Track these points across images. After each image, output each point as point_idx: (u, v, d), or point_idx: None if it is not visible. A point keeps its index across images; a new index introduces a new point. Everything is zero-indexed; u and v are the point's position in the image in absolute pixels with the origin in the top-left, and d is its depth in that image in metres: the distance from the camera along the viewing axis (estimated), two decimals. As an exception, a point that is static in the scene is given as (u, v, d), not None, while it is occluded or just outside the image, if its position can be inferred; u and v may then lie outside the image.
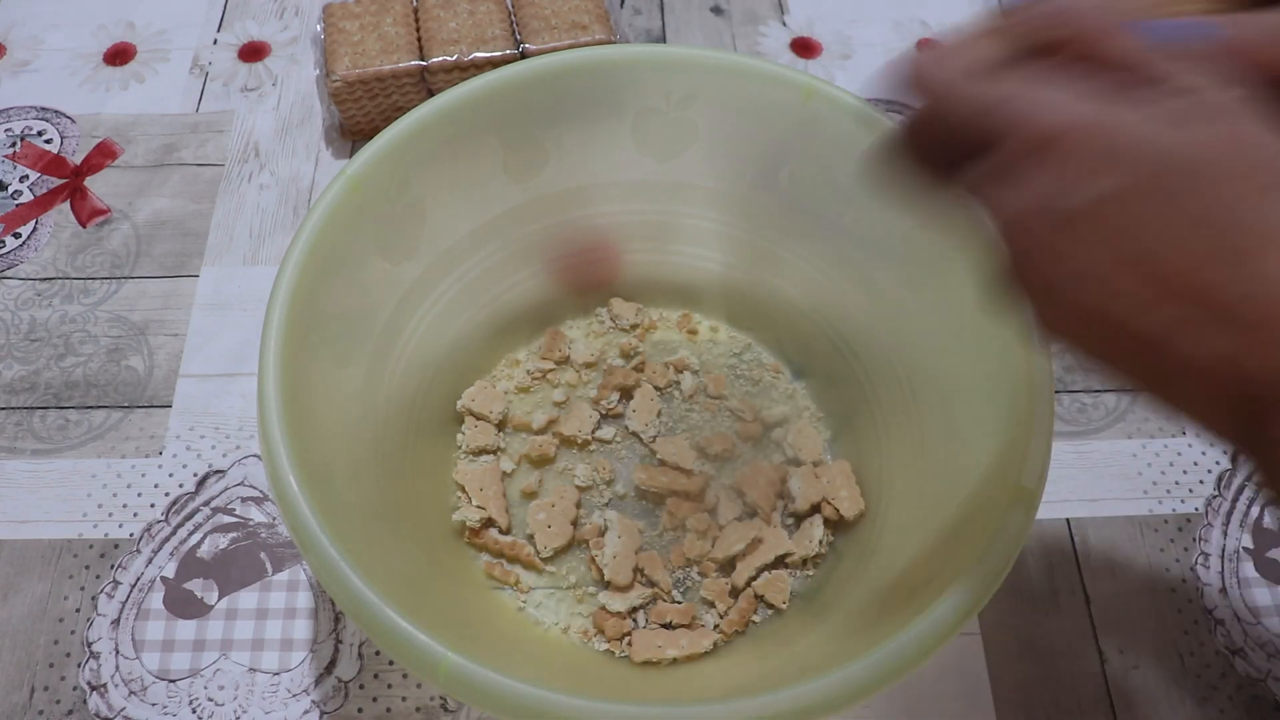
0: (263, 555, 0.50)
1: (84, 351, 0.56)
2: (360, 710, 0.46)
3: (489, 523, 0.49)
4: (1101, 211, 0.22)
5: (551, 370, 0.53)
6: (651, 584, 0.47)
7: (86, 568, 0.49)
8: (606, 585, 0.46)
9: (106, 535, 0.50)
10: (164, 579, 0.49)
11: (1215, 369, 0.22)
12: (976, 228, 0.26)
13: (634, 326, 0.55)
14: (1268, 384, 0.21)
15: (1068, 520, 0.53)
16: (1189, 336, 0.22)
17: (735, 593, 0.46)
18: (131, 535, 0.50)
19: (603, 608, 0.46)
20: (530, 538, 0.48)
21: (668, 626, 0.46)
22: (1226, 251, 0.21)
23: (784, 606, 0.46)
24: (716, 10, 0.75)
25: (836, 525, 0.49)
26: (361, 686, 0.46)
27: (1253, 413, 0.22)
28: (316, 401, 0.39)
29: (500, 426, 0.52)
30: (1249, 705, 0.48)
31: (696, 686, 0.43)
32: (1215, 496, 0.54)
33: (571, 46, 0.59)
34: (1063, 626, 0.49)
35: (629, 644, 0.45)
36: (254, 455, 0.53)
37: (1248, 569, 0.52)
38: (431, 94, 0.63)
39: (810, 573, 0.48)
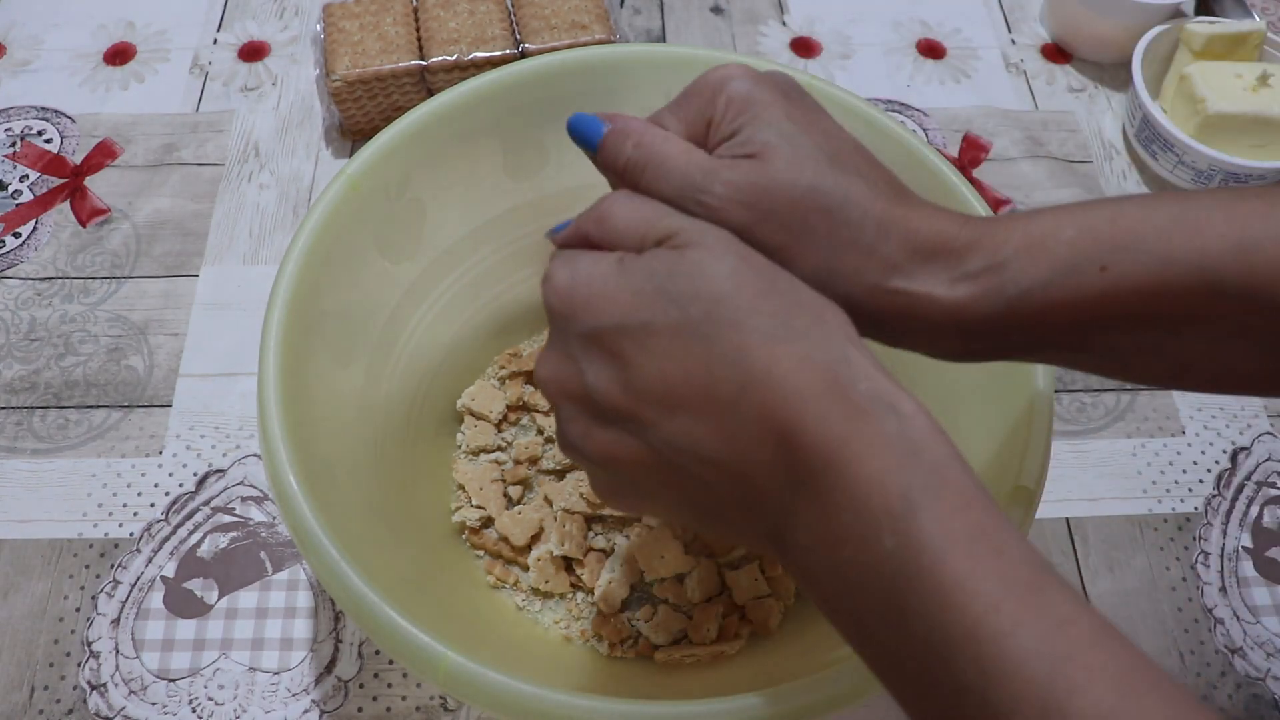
0: (263, 555, 0.50)
1: (84, 351, 0.56)
2: (360, 710, 0.46)
3: (489, 522, 0.49)
4: (592, 344, 0.28)
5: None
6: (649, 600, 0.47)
7: (86, 567, 0.49)
8: (597, 610, 0.46)
9: (106, 535, 0.50)
10: (164, 578, 0.49)
11: (717, 472, 0.26)
12: None
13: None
14: (760, 480, 0.26)
15: (1067, 519, 0.53)
16: (686, 443, 0.27)
17: (731, 611, 0.46)
18: (131, 535, 0.50)
19: (600, 612, 0.46)
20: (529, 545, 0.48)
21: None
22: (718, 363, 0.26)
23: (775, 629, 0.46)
24: (716, 10, 0.75)
25: None
26: (361, 686, 0.46)
27: (773, 526, 0.26)
28: (316, 401, 0.39)
29: (500, 426, 0.52)
30: (1248, 704, 0.48)
31: (697, 684, 0.43)
32: (1214, 496, 0.54)
33: (571, 46, 0.59)
34: (1062, 626, 0.49)
35: (630, 647, 0.45)
36: (254, 455, 0.53)
37: (1247, 568, 0.52)
38: (431, 94, 0.63)
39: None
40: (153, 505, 0.51)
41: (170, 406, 0.54)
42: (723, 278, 0.27)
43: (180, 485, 0.52)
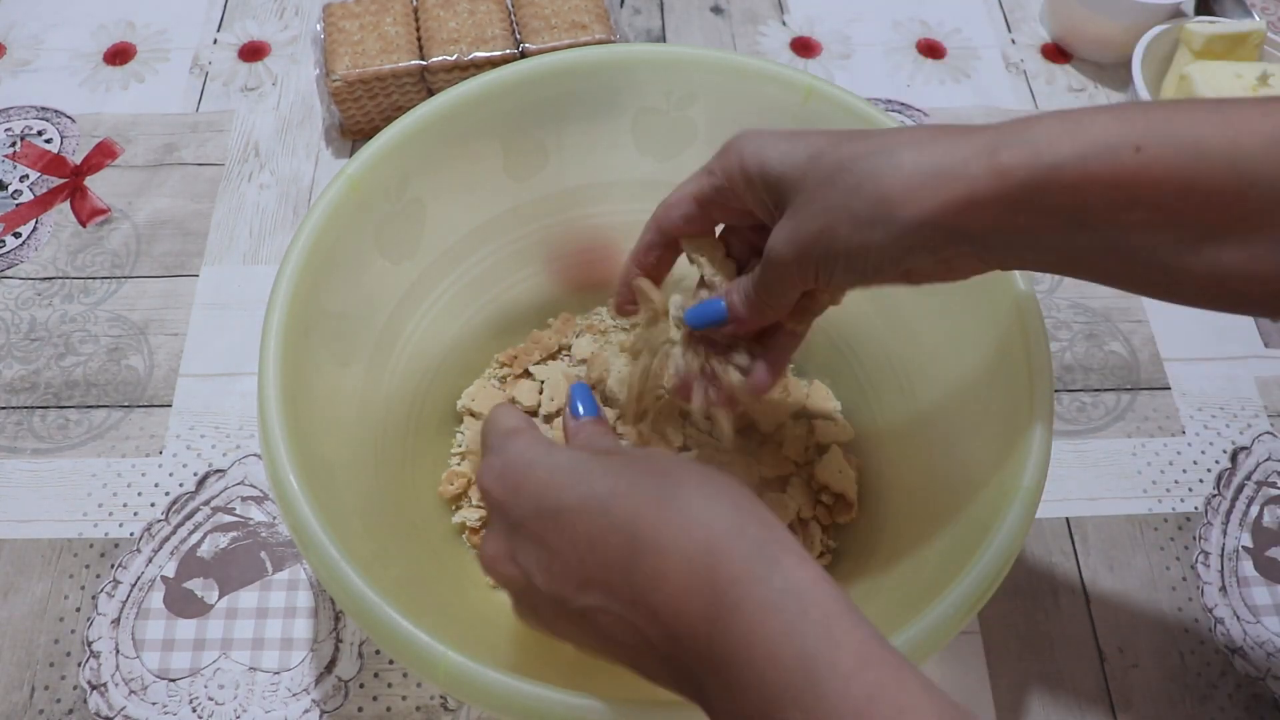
0: (263, 554, 0.50)
1: (84, 351, 0.56)
2: (360, 709, 0.46)
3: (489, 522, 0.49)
4: (518, 531, 0.30)
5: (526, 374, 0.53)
6: None
7: (87, 567, 0.49)
8: None
9: (107, 534, 0.50)
10: (164, 578, 0.49)
11: (634, 644, 0.27)
12: None
13: (633, 325, 0.55)
14: (670, 651, 0.26)
15: (1067, 519, 0.53)
16: (606, 620, 0.28)
17: None
18: (132, 534, 0.50)
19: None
20: None
21: None
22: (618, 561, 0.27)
23: None
24: (716, 10, 0.75)
25: (834, 508, 0.48)
26: (361, 685, 0.46)
27: (684, 677, 0.27)
28: (316, 401, 0.39)
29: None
30: (1248, 703, 0.48)
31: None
32: (1214, 495, 0.54)
33: (571, 46, 0.59)
34: (1063, 625, 0.49)
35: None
36: (254, 454, 0.53)
37: (1247, 567, 0.52)
38: (431, 94, 0.63)
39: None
40: (153, 505, 0.51)
41: (170, 406, 0.54)
42: (621, 464, 0.30)
43: (180, 485, 0.52)
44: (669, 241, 0.39)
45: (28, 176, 0.63)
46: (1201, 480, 0.55)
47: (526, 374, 0.53)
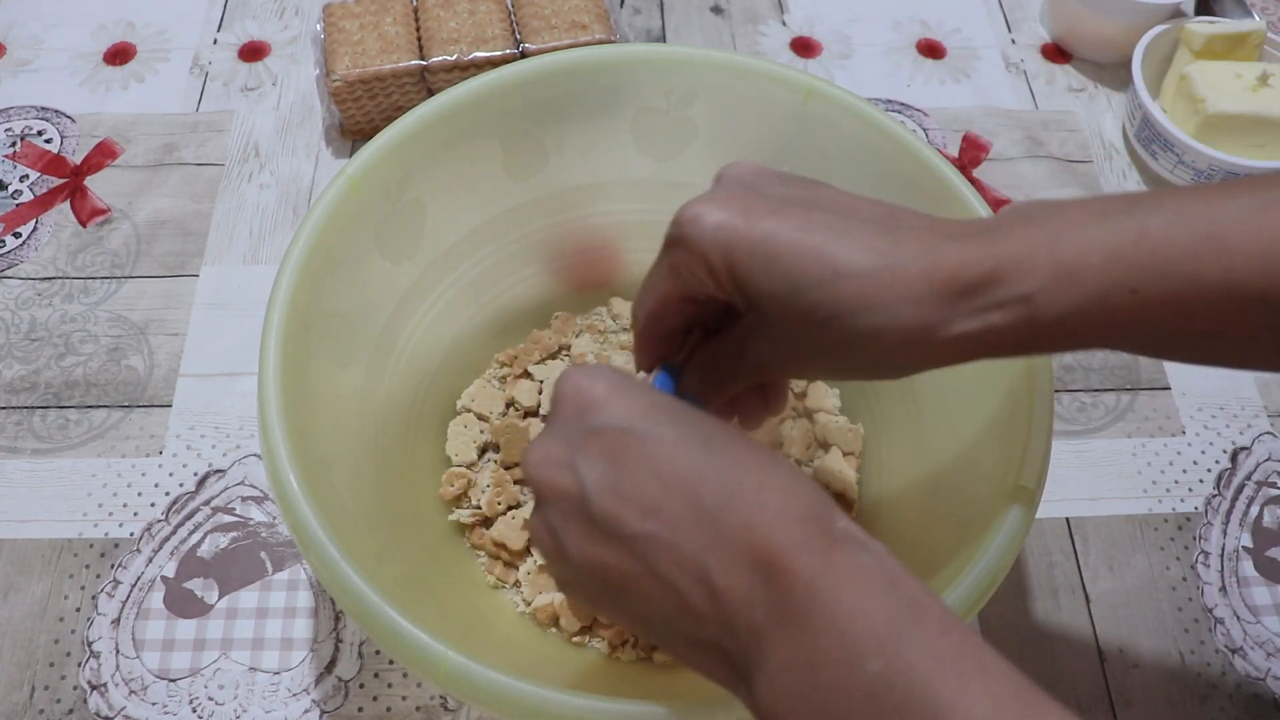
0: (263, 554, 0.50)
1: (84, 351, 0.56)
2: (360, 709, 0.46)
3: (488, 523, 0.49)
4: (591, 440, 0.29)
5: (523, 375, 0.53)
6: None
7: (87, 567, 0.49)
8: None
9: (107, 535, 0.50)
10: (164, 578, 0.49)
11: (690, 579, 0.27)
12: None
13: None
14: (736, 594, 0.26)
15: (1067, 519, 0.53)
16: (659, 553, 0.27)
17: None
18: (132, 534, 0.50)
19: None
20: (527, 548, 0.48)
21: None
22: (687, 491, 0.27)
23: None
24: (716, 10, 0.75)
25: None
26: (362, 686, 0.46)
27: (734, 659, 0.27)
28: (316, 401, 0.39)
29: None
30: (1248, 703, 0.48)
31: (696, 686, 0.43)
32: (1215, 495, 0.54)
33: (571, 46, 0.59)
34: (1063, 625, 0.49)
35: (630, 647, 0.45)
36: (254, 454, 0.53)
37: (1247, 568, 0.52)
38: (431, 94, 0.63)
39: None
40: (153, 505, 0.51)
41: (170, 406, 0.54)
42: (723, 425, 0.30)
43: (180, 485, 0.52)
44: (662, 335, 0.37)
45: (28, 176, 0.63)
46: (1201, 480, 0.55)
47: (526, 374, 0.53)
